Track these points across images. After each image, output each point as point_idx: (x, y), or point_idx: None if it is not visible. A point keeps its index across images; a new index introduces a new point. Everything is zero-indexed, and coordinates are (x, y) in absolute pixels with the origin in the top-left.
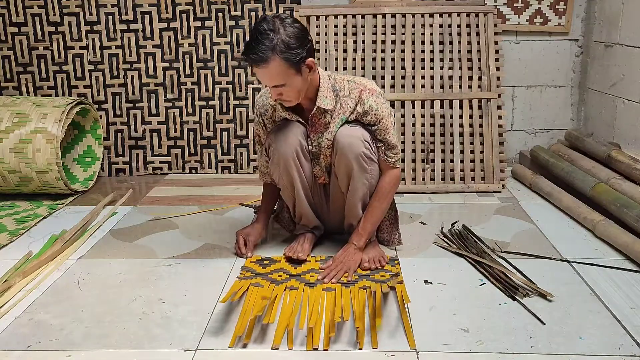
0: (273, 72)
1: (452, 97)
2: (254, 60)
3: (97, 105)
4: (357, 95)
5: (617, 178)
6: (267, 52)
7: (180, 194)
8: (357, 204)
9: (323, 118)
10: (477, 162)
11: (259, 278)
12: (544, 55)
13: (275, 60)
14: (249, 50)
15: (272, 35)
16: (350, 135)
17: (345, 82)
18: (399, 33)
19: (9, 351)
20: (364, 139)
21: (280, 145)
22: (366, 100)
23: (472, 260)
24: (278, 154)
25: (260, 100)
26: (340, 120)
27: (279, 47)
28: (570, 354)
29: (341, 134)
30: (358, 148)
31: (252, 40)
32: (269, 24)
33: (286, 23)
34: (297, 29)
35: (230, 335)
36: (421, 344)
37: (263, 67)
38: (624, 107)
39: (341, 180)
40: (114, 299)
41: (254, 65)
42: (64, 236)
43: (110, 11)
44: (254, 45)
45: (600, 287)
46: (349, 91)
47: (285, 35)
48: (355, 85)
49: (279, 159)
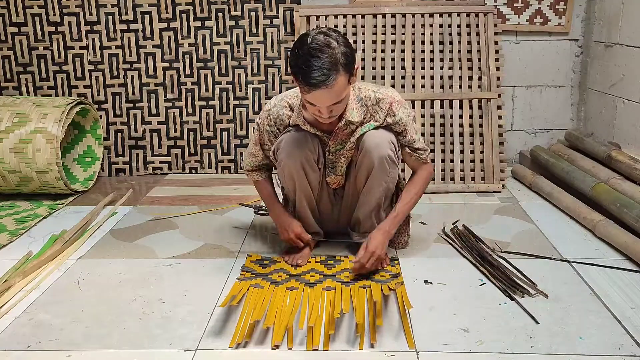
0: (337, 89)
1: (452, 97)
2: (321, 81)
3: (97, 105)
4: (387, 107)
5: (617, 178)
6: (332, 69)
7: (180, 194)
8: (370, 203)
9: (348, 129)
10: (477, 162)
11: (259, 279)
12: (544, 55)
13: (340, 75)
14: (311, 72)
15: (330, 50)
16: (378, 137)
17: (371, 92)
18: (399, 33)
19: (9, 351)
20: (391, 141)
21: (289, 154)
22: (397, 112)
23: (472, 260)
24: (285, 162)
25: (276, 109)
26: (369, 127)
27: (340, 60)
28: (570, 354)
29: (370, 134)
30: (384, 150)
31: (308, 60)
32: (319, 39)
33: (334, 35)
34: (345, 38)
35: (230, 335)
36: (421, 344)
37: (329, 86)
38: (624, 107)
39: (359, 178)
40: (114, 299)
41: (318, 87)
42: (64, 236)
43: (110, 11)
44: (316, 65)
45: (600, 287)
46: (377, 100)
47: (342, 46)
48: (382, 96)
49: (284, 167)
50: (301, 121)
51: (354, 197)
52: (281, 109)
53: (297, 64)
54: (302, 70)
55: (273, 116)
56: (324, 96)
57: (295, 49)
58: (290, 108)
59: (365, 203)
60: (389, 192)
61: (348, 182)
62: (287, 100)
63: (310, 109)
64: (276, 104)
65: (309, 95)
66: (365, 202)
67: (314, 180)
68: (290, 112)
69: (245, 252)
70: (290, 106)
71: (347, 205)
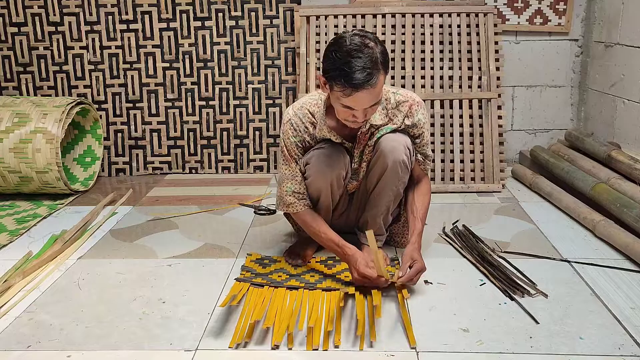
0: (378, 89)
1: (452, 97)
2: (365, 81)
3: (97, 105)
4: (407, 109)
5: (617, 178)
6: (373, 68)
7: (180, 194)
8: (380, 206)
9: (369, 133)
10: (477, 162)
11: (259, 278)
12: (544, 55)
13: (381, 74)
14: (354, 73)
15: (369, 50)
16: (395, 140)
17: (391, 94)
18: (399, 33)
19: (9, 351)
20: (407, 145)
21: (320, 172)
22: (416, 114)
23: (472, 260)
24: (313, 178)
25: (297, 118)
26: (386, 129)
27: (380, 59)
28: (570, 354)
29: (386, 138)
30: (399, 154)
31: (350, 61)
32: (356, 40)
33: (370, 36)
34: (377, 37)
35: (230, 335)
36: (421, 344)
37: (373, 86)
38: (624, 107)
39: (370, 179)
40: (114, 299)
41: (362, 87)
42: (64, 236)
43: (110, 11)
44: (358, 66)
45: (600, 287)
46: (396, 103)
47: (379, 45)
48: (402, 98)
49: (312, 182)
50: (327, 130)
51: (364, 195)
52: (303, 116)
53: (337, 66)
54: (344, 72)
55: (295, 125)
56: (366, 97)
57: (331, 52)
58: (312, 115)
59: (375, 206)
60: (398, 196)
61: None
62: (307, 108)
63: (343, 114)
64: (296, 113)
65: (350, 99)
66: (374, 204)
67: (337, 195)
68: (313, 118)
69: (245, 252)
70: (312, 114)
71: (357, 204)
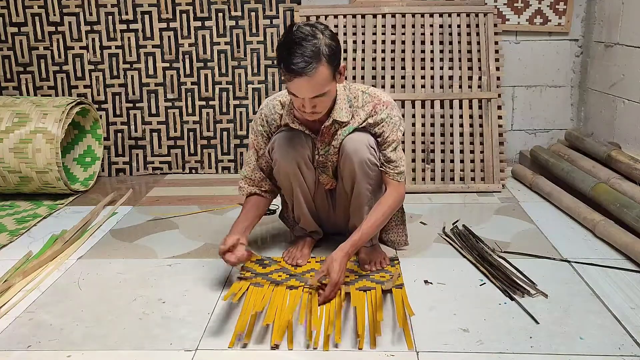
0: (319, 79)
1: (452, 97)
2: (301, 68)
3: (97, 105)
4: (370, 109)
5: (617, 178)
6: (314, 57)
7: (180, 194)
8: (362, 207)
9: (333, 129)
10: (477, 162)
11: (259, 278)
12: (543, 55)
13: (322, 66)
14: (291, 58)
15: (314, 40)
16: (357, 140)
17: (360, 93)
18: (399, 33)
19: (9, 351)
20: (370, 144)
21: (283, 154)
22: (379, 113)
23: (472, 260)
24: (280, 162)
25: (268, 108)
26: (348, 130)
27: (324, 51)
28: (570, 354)
29: (349, 139)
30: (363, 154)
31: (292, 47)
32: (304, 29)
33: (320, 28)
34: (332, 32)
35: (230, 335)
36: (421, 344)
37: (309, 75)
38: (624, 107)
39: (345, 183)
40: (114, 299)
41: (298, 74)
42: (64, 236)
43: (110, 11)
44: (298, 52)
45: (600, 287)
46: (363, 102)
47: (327, 39)
48: (369, 98)
49: (279, 168)
50: (291, 119)
51: (345, 198)
52: (273, 107)
53: (281, 51)
54: (284, 57)
55: (265, 114)
56: (305, 86)
57: (282, 37)
58: (281, 106)
59: (357, 209)
60: (376, 191)
61: (338, 185)
62: (279, 98)
63: (295, 102)
64: (268, 103)
65: (291, 85)
66: (357, 207)
67: (309, 178)
68: (282, 110)
69: None
70: (282, 104)
71: (341, 206)
